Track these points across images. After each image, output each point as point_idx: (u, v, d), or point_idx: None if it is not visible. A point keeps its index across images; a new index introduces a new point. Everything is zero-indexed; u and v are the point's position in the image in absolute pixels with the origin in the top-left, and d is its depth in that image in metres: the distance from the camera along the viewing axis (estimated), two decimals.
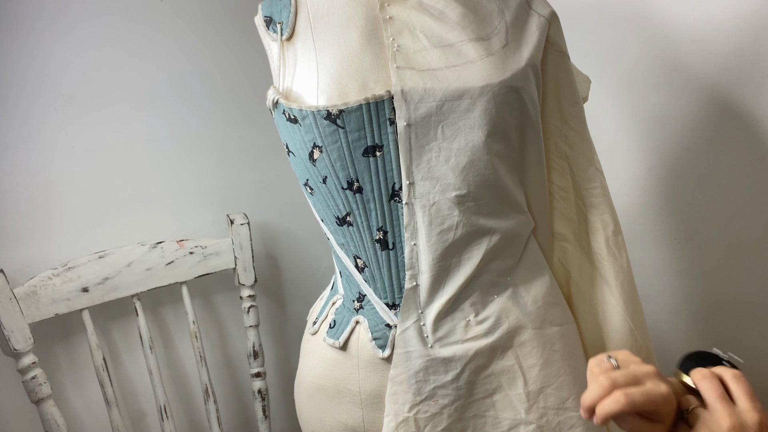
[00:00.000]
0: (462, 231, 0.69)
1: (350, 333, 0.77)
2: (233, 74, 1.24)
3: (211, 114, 1.23)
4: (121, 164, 1.14)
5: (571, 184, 0.79)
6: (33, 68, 1.04)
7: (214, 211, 1.26)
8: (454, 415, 0.72)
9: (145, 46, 1.15)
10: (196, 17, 1.20)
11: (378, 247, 0.72)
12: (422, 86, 0.66)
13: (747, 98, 0.89)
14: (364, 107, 0.66)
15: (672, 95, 0.98)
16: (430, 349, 0.71)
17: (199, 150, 1.23)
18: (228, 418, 1.30)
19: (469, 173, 0.68)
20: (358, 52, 0.69)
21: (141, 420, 1.20)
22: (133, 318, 1.13)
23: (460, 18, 0.69)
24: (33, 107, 1.05)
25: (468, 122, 0.67)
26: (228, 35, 1.22)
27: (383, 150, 0.68)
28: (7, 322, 0.96)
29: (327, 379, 0.79)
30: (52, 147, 1.07)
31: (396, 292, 0.73)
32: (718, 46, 0.90)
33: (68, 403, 1.11)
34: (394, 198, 0.70)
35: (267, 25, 0.76)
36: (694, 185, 0.98)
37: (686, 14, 0.93)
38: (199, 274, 1.17)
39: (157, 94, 1.17)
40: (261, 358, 1.24)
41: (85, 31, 1.09)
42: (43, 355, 1.05)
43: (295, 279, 1.37)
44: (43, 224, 1.07)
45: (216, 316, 1.29)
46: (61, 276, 1.03)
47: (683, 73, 0.96)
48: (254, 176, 1.29)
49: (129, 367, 1.18)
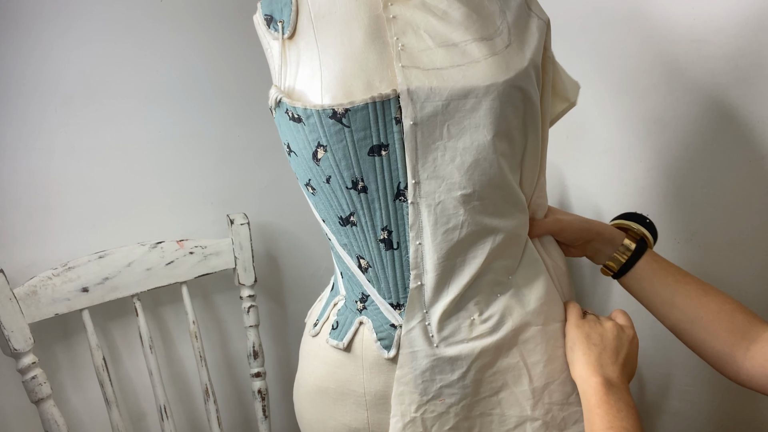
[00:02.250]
0: (467, 230, 0.69)
1: (354, 334, 0.76)
2: (233, 74, 1.24)
3: (211, 114, 1.23)
4: (121, 164, 1.14)
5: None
6: (33, 68, 1.04)
7: (214, 211, 1.26)
8: (461, 414, 0.72)
9: (145, 46, 1.15)
10: (196, 17, 1.20)
11: (382, 246, 0.72)
12: (428, 85, 0.66)
13: (747, 98, 0.89)
14: (370, 106, 0.66)
15: (672, 95, 0.98)
16: (436, 348, 0.71)
17: (199, 150, 1.23)
18: (228, 418, 1.30)
19: (474, 172, 0.68)
20: (362, 51, 0.68)
21: (141, 420, 1.20)
22: (133, 318, 1.13)
23: (463, 18, 0.69)
24: (33, 107, 1.05)
25: (473, 121, 0.67)
26: (228, 35, 1.22)
27: (389, 149, 0.68)
28: (7, 322, 0.96)
29: (330, 381, 0.78)
30: (52, 147, 1.07)
31: (400, 292, 0.73)
32: (718, 46, 0.90)
33: (68, 403, 1.11)
34: (399, 197, 0.70)
35: (267, 23, 0.76)
36: (694, 185, 0.98)
37: (686, 14, 0.93)
38: (199, 274, 1.17)
39: (157, 94, 1.17)
40: (261, 358, 1.24)
41: (85, 31, 1.09)
42: (43, 355, 1.05)
43: (295, 279, 1.37)
44: (43, 224, 1.07)
45: (216, 316, 1.29)
46: (61, 276, 1.03)
47: (683, 73, 0.96)
48: (254, 176, 1.29)
49: (129, 367, 1.18)
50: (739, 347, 0.71)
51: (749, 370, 0.70)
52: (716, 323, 0.73)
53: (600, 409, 0.63)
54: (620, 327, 0.72)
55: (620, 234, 0.82)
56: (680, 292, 0.76)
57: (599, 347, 0.69)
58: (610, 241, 0.82)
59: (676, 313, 0.76)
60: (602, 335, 0.70)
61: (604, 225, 0.83)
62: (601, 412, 0.62)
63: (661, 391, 1.12)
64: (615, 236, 0.82)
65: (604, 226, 0.83)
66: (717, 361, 0.74)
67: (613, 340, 0.70)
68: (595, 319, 0.74)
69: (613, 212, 1.12)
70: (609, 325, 0.72)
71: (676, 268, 0.79)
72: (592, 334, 0.70)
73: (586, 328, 0.71)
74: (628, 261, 0.80)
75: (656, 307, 0.79)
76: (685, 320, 0.76)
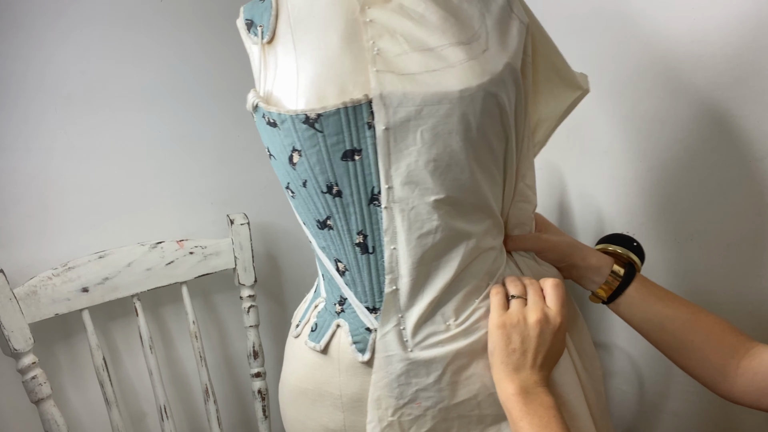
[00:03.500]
0: (441, 235, 0.69)
1: (331, 336, 0.77)
2: (234, 74, 1.24)
3: (211, 114, 1.23)
4: (121, 164, 1.14)
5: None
6: (33, 68, 1.04)
7: (214, 211, 1.26)
8: (438, 417, 0.71)
9: (145, 46, 1.15)
10: (196, 17, 1.20)
11: (358, 250, 0.72)
12: (401, 90, 0.65)
13: (747, 98, 0.89)
14: (342, 111, 0.66)
15: (672, 95, 0.98)
16: (410, 352, 0.71)
17: (199, 150, 1.23)
18: (228, 418, 1.30)
19: (447, 178, 0.67)
20: (338, 55, 0.68)
21: (141, 420, 1.20)
22: (133, 318, 1.13)
23: (440, 22, 0.68)
24: (33, 107, 1.05)
25: (447, 127, 0.66)
26: (228, 36, 1.21)
27: (362, 154, 0.68)
28: (7, 322, 0.96)
29: (309, 383, 0.79)
30: (52, 147, 1.07)
31: (376, 296, 0.73)
32: (718, 46, 0.90)
33: (68, 403, 1.11)
34: (374, 202, 0.70)
35: (248, 28, 0.76)
36: (694, 185, 0.98)
37: (686, 14, 0.93)
38: (199, 274, 1.17)
39: (157, 94, 1.17)
40: (261, 358, 1.24)
41: (85, 31, 1.09)
42: (43, 355, 1.05)
43: (295, 279, 1.37)
44: (43, 224, 1.07)
45: (216, 316, 1.29)
46: (61, 276, 1.03)
47: (683, 73, 0.96)
48: (254, 176, 1.29)
49: (129, 367, 1.18)
50: (730, 365, 0.71)
51: (741, 387, 0.70)
52: (707, 345, 0.73)
53: (523, 422, 0.63)
54: (545, 319, 0.68)
55: (607, 261, 0.80)
56: (669, 317, 0.76)
57: (518, 352, 0.67)
58: (597, 270, 0.80)
59: (666, 337, 0.76)
60: (524, 337, 0.67)
61: (590, 251, 0.82)
62: (525, 425, 0.63)
63: (661, 391, 1.12)
64: (602, 264, 0.80)
65: (590, 252, 0.81)
66: (710, 381, 0.74)
67: (536, 338, 0.67)
68: (519, 310, 0.69)
69: (613, 212, 1.12)
70: (533, 321, 0.68)
71: (665, 292, 0.78)
72: (513, 336, 0.68)
73: (507, 329, 0.68)
74: (617, 289, 0.79)
75: (647, 331, 0.78)
76: (676, 344, 0.75)
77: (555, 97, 0.84)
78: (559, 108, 0.85)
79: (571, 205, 1.22)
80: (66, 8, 1.06)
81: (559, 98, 0.84)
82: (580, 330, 0.82)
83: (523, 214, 0.79)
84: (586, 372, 0.78)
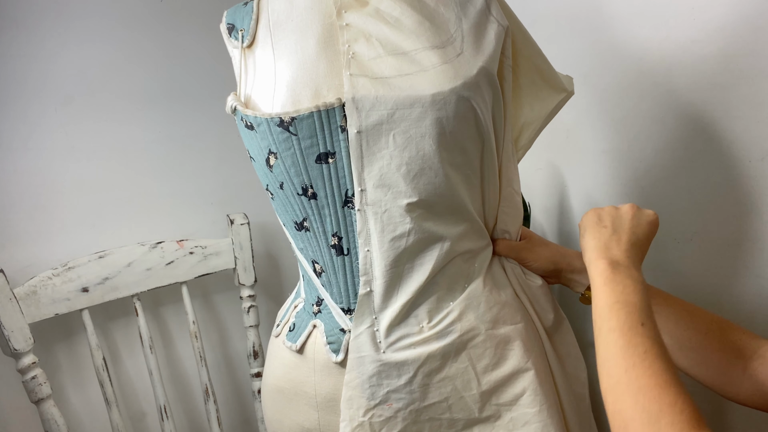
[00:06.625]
0: (414, 238, 0.69)
1: (307, 337, 0.78)
2: (234, 75, 1.24)
3: (211, 114, 1.23)
4: (121, 164, 1.14)
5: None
6: (33, 68, 1.04)
7: (214, 211, 1.26)
8: (408, 419, 0.72)
9: (145, 46, 1.15)
10: (196, 17, 1.20)
11: (334, 252, 0.73)
12: (374, 94, 0.66)
13: (747, 98, 0.88)
14: (315, 114, 0.67)
15: (672, 95, 0.98)
16: (383, 354, 0.71)
17: (199, 150, 1.23)
18: (228, 418, 1.30)
19: (420, 181, 0.67)
20: (314, 59, 0.69)
21: (141, 420, 1.20)
22: (133, 318, 1.13)
23: (415, 26, 0.69)
24: (33, 107, 1.05)
25: (420, 131, 0.66)
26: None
27: (335, 157, 0.68)
28: (7, 322, 0.96)
29: (285, 382, 0.80)
30: (52, 147, 1.07)
31: (351, 297, 0.73)
32: (718, 46, 0.90)
33: (68, 403, 1.11)
34: (348, 204, 0.70)
35: (229, 32, 0.77)
36: (694, 185, 0.98)
37: (686, 14, 0.93)
38: (199, 274, 1.17)
39: (157, 94, 1.17)
40: (261, 358, 1.24)
41: (86, 31, 1.09)
42: (43, 355, 1.05)
43: (295, 279, 1.37)
44: (43, 224, 1.07)
45: (216, 316, 1.29)
46: (61, 276, 1.03)
47: (683, 73, 0.96)
48: (254, 176, 1.28)
49: (129, 367, 1.18)
50: (736, 367, 0.68)
51: (749, 389, 0.67)
52: (706, 344, 0.71)
53: (606, 287, 0.60)
54: (638, 209, 0.69)
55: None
56: (664, 315, 0.74)
57: (608, 230, 0.67)
58: (583, 272, 0.79)
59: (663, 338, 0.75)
60: (614, 217, 0.68)
61: (576, 255, 0.81)
62: (607, 290, 0.60)
63: None
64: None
65: (575, 257, 0.81)
66: (714, 382, 0.71)
67: (630, 220, 0.68)
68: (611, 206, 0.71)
69: None
70: (626, 207, 0.69)
71: (658, 291, 0.77)
72: (603, 217, 0.68)
73: (598, 212, 0.69)
74: None
75: None
76: (674, 345, 0.73)
77: (540, 99, 0.84)
78: (544, 110, 0.84)
79: (571, 205, 1.22)
80: (66, 9, 1.06)
81: (544, 100, 0.84)
82: (565, 333, 0.82)
83: (510, 220, 0.79)
84: (566, 377, 0.78)
